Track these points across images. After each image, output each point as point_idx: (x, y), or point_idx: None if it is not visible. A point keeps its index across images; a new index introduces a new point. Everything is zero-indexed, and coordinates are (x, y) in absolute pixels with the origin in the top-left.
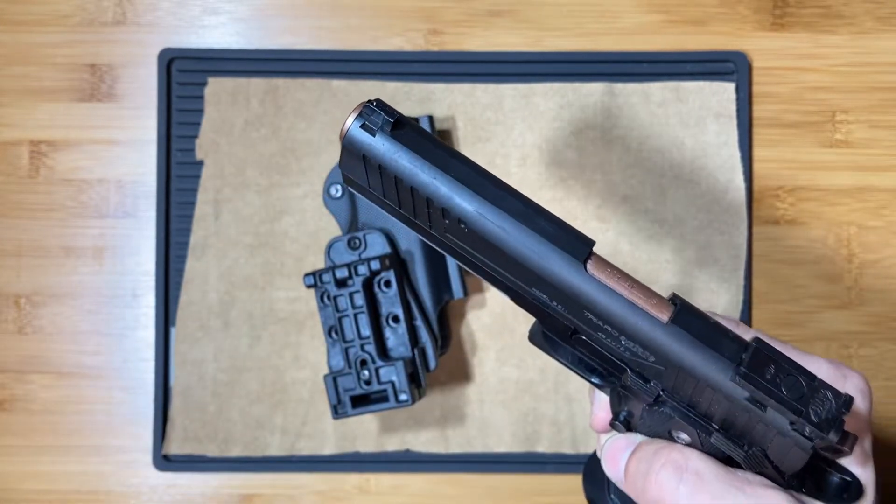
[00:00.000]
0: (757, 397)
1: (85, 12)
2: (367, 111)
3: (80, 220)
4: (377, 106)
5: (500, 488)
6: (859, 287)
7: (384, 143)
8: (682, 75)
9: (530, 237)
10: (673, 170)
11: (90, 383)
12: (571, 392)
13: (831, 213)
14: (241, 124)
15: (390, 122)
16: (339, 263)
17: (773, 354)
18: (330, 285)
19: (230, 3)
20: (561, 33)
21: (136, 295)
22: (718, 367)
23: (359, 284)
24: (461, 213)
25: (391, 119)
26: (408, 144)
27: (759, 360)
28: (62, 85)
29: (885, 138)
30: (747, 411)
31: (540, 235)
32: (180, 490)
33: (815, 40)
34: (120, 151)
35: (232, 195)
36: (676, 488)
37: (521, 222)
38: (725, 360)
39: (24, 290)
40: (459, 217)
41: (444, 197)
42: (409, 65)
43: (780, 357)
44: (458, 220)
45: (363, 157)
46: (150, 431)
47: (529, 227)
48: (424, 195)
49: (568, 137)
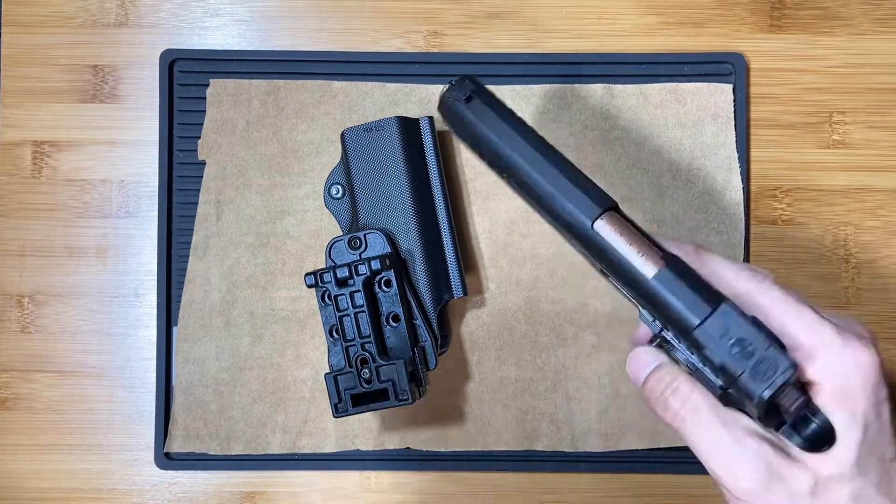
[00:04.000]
0: (706, 354)
1: (88, 14)
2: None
3: (82, 220)
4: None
5: (499, 486)
6: (856, 287)
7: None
8: (680, 77)
9: (557, 188)
10: (671, 170)
11: (93, 382)
12: (570, 391)
13: (828, 214)
14: (242, 125)
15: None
16: (340, 263)
17: (735, 320)
18: (331, 285)
19: (232, 5)
20: (560, 35)
21: (138, 294)
22: (686, 323)
23: (359, 284)
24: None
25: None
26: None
27: (720, 323)
28: (65, 86)
29: (883, 139)
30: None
31: (565, 189)
32: (182, 488)
33: (812, 42)
34: (122, 152)
35: (233, 195)
36: (677, 413)
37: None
38: (691, 319)
39: (27, 289)
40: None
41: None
42: (410, 66)
43: (740, 323)
44: (517, 174)
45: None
46: (152, 430)
47: (558, 180)
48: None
49: (566, 138)
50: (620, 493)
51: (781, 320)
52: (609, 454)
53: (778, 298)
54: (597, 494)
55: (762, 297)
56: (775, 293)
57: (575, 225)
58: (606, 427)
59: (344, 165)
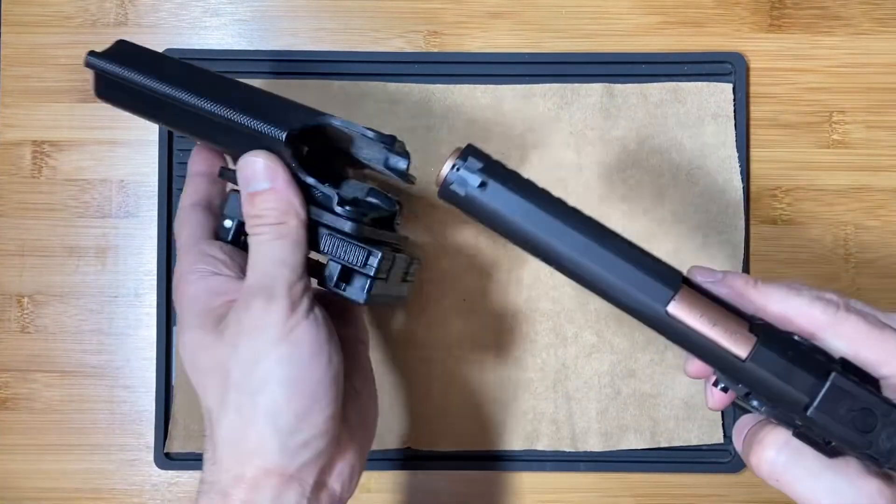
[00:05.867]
0: (828, 434)
1: (87, 13)
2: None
3: (82, 219)
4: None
5: (499, 486)
6: (856, 287)
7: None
8: (680, 76)
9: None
10: (671, 170)
11: (93, 382)
12: (570, 391)
13: (828, 213)
14: None
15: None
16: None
17: (850, 389)
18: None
19: (231, 5)
20: (560, 34)
21: (138, 294)
22: (793, 401)
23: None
24: (564, 258)
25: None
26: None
27: (834, 396)
28: (65, 86)
29: (883, 139)
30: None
31: (624, 275)
32: (183, 488)
33: (812, 41)
34: (122, 152)
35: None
36: (776, 458)
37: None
38: (799, 394)
39: (26, 289)
40: (563, 261)
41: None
42: (409, 66)
43: (856, 391)
44: (562, 263)
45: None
46: (152, 430)
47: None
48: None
49: (567, 138)
50: (620, 493)
51: (869, 352)
52: (609, 454)
53: (858, 326)
54: (597, 494)
55: (841, 327)
56: (853, 321)
57: (646, 314)
58: (606, 427)
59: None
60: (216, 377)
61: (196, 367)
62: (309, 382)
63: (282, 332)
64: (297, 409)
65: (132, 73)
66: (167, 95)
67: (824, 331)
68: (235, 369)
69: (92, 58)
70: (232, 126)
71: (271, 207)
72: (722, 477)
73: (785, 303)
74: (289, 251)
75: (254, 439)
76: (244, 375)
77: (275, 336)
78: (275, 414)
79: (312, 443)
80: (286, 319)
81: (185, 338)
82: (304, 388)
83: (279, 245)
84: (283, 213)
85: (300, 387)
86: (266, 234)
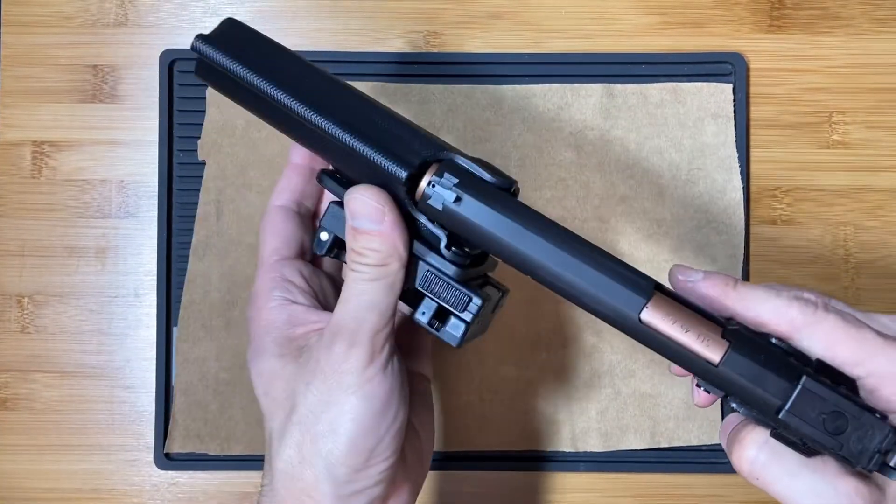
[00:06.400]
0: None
1: (87, 14)
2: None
3: (82, 220)
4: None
5: (499, 486)
6: (856, 287)
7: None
8: (680, 76)
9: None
10: (671, 170)
11: (92, 382)
12: (570, 391)
13: (828, 214)
14: (242, 125)
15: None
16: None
17: (821, 392)
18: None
19: (231, 6)
20: (559, 35)
21: (138, 294)
22: (765, 404)
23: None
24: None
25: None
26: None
27: (805, 399)
28: (65, 86)
29: (882, 139)
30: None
31: (597, 283)
32: (182, 488)
33: (812, 42)
34: (122, 152)
35: (234, 195)
36: (756, 457)
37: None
38: (771, 398)
39: (26, 289)
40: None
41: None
42: (409, 66)
43: (826, 394)
44: (537, 273)
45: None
46: (152, 430)
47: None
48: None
49: (567, 138)
50: (620, 493)
51: (846, 352)
52: (609, 454)
53: (836, 325)
54: (597, 494)
55: (819, 327)
56: (831, 321)
57: (620, 321)
58: (606, 427)
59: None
60: (284, 406)
61: (268, 394)
62: (372, 438)
63: (357, 382)
64: (356, 463)
65: (243, 68)
66: (280, 102)
67: (802, 331)
68: (303, 406)
69: (199, 43)
70: (347, 150)
71: (374, 249)
72: (722, 477)
73: (763, 304)
74: (382, 295)
75: (310, 480)
76: (310, 416)
77: (349, 384)
78: (333, 464)
79: (367, 491)
80: (364, 369)
81: (263, 365)
82: (367, 444)
83: (373, 287)
84: (386, 256)
85: (363, 442)
86: (364, 273)
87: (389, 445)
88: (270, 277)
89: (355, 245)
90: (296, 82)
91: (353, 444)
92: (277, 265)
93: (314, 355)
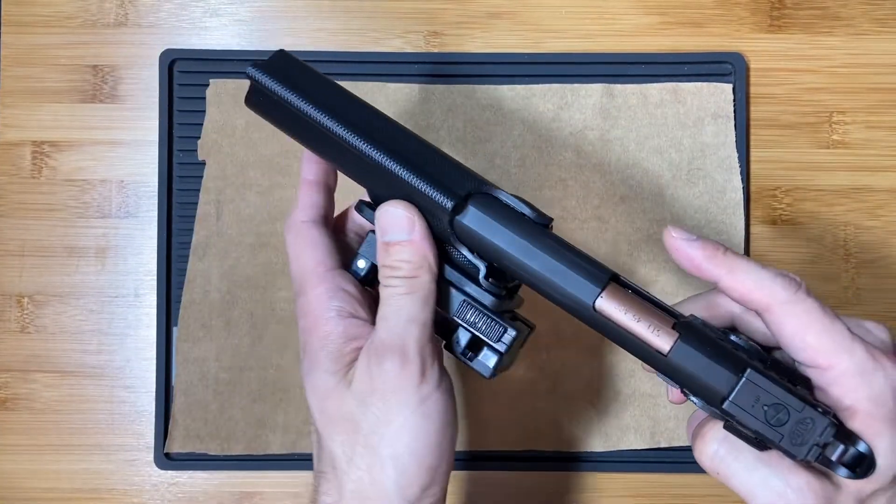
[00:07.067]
0: (744, 427)
1: (87, 14)
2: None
3: (82, 220)
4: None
5: (499, 486)
6: (856, 287)
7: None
8: (680, 76)
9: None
10: (671, 170)
11: (92, 382)
12: (570, 391)
13: (828, 214)
14: (242, 125)
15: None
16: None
17: (764, 384)
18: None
19: (231, 5)
20: (559, 35)
21: (138, 294)
22: (712, 395)
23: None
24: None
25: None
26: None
27: (749, 390)
28: (65, 86)
29: (882, 139)
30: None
31: (555, 271)
32: (182, 488)
33: (812, 42)
34: (122, 152)
35: (233, 195)
36: (716, 452)
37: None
38: (718, 388)
39: (26, 289)
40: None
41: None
42: (410, 66)
43: (770, 387)
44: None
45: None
46: (152, 430)
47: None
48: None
49: (567, 138)
50: (620, 493)
51: (815, 338)
52: (609, 454)
53: (813, 309)
54: (597, 494)
55: (798, 307)
56: (809, 304)
57: (575, 308)
58: (606, 427)
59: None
60: (345, 428)
61: (323, 412)
62: (437, 455)
63: (415, 401)
64: (424, 482)
65: (297, 97)
66: (331, 131)
67: (780, 306)
68: (366, 427)
69: (254, 70)
70: (396, 180)
71: (406, 260)
72: None
73: (748, 274)
74: (419, 307)
75: (382, 500)
76: (375, 437)
77: (408, 402)
78: (404, 486)
79: (433, 501)
80: (419, 386)
81: (317, 381)
82: (432, 462)
83: (410, 300)
84: (417, 267)
85: (429, 461)
86: (399, 286)
87: (451, 458)
88: (326, 288)
89: (387, 260)
90: (346, 113)
91: (420, 464)
92: (329, 275)
93: (365, 373)
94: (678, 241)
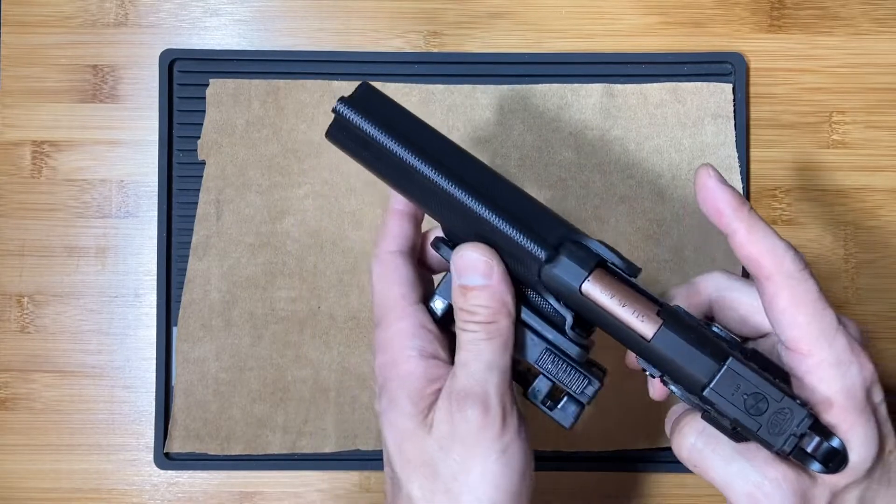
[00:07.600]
0: (723, 416)
1: (87, 14)
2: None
3: (82, 220)
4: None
5: None
6: (856, 286)
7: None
8: (680, 76)
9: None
10: (671, 170)
11: (92, 382)
12: None
13: (828, 214)
14: (242, 125)
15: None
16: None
17: (745, 374)
18: None
19: (231, 5)
20: (560, 35)
21: (138, 294)
22: (693, 382)
23: None
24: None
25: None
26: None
27: (729, 379)
28: (64, 86)
29: (882, 139)
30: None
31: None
32: (182, 488)
33: (812, 42)
34: (122, 152)
35: (234, 195)
36: (694, 444)
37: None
38: (699, 375)
39: (26, 289)
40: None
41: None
42: (410, 66)
43: (750, 376)
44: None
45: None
46: (151, 430)
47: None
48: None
49: (567, 138)
50: (620, 493)
51: (805, 319)
52: (609, 454)
53: (811, 290)
54: (597, 494)
55: (799, 284)
56: (810, 284)
57: (562, 292)
58: (606, 427)
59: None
60: (423, 472)
61: (402, 453)
62: (516, 502)
63: (497, 449)
64: None
65: (386, 136)
66: (420, 172)
67: (784, 278)
68: (445, 473)
69: (342, 106)
70: (485, 225)
71: (484, 305)
72: None
73: (766, 237)
74: (499, 354)
75: None
76: (455, 484)
77: (489, 451)
78: None
79: None
80: (501, 435)
81: (396, 420)
82: None
83: (489, 346)
84: (496, 312)
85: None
86: (477, 332)
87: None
88: (409, 324)
89: (465, 304)
90: (434, 153)
91: None
92: (411, 310)
93: (446, 419)
94: (712, 180)
